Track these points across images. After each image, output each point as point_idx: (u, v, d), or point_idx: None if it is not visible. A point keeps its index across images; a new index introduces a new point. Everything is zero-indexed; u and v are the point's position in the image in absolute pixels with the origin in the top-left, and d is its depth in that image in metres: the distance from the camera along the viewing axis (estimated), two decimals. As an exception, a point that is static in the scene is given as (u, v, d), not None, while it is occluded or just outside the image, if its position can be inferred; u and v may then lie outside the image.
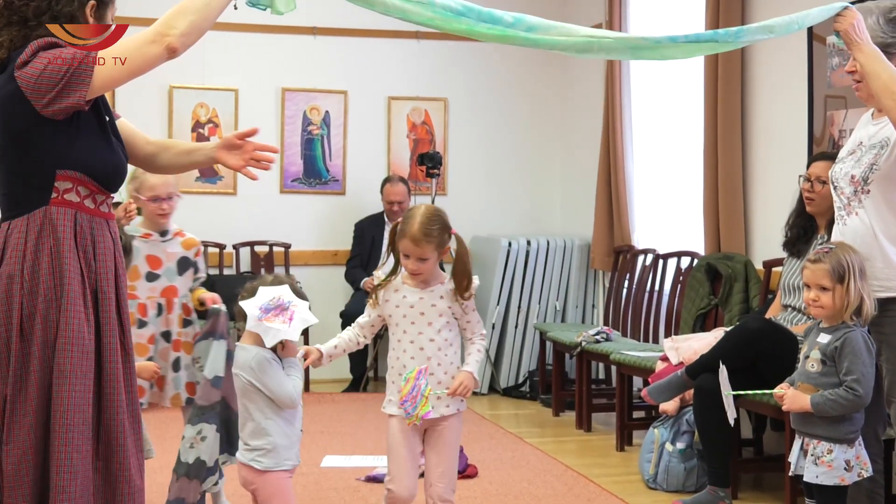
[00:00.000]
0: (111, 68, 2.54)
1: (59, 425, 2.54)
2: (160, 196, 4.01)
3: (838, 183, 3.52)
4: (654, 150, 6.62)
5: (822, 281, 3.31)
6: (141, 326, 3.93)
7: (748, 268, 5.32)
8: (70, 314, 2.57)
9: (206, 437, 3.55)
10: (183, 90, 7.09)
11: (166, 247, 4.04)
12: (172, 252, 4.04)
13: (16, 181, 2.63)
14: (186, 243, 4.09)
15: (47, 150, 2.60)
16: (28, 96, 2.54)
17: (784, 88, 5.29)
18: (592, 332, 5.85)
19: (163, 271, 4.01)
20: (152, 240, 4.02)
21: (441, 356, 3.36)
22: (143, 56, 2.55)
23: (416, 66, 7.51)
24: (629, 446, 5.44)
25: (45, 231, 2.60)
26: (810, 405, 3.29)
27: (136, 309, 3.90)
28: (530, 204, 7.74)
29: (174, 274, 4.03)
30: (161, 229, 4.05)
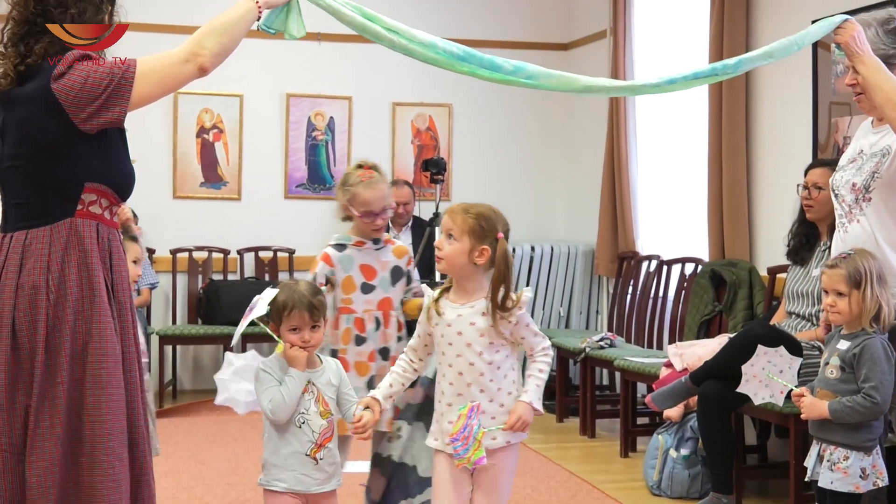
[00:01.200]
0: (147, 84, 2.58)
1: (100, 435, 2.55)
2: (374, 211, 3.64)
3: (839, 191, 3.52)
4: (658, 156, 6.62)
5: (839, 286, 3.31)
6: (359, 343, 3.62)
7: (752, 274, 5.32)
8: (102, 325, 2.59)
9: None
10: (188, 96, 7.10)
11: (379, 255, 3.70)
12: (385, 261, 3.71)
13: (41, 192, 2.62)
14: (397, 251, 3.75)
15: (78, 162, 2.60)
16: (66, 109, 2.54)
17: (788, 95, 5.30)
18: (596, 339, 5.85)
19: (377, 282, 3.68)
20: (366, 248, 3.69)
21: (485, 382, 2.90)
22: (176, 75, 2.62)
23: (420, 72, 7.50)
24: (633, 452, 5.44)
25: (72, 243, 2.60)
26: (828, 412, 3.29)
27: (353, 324, 3.62)
28: (534, 210, 7.75)
29: (388, 284, 3.70)
30: (373, 238, 3.71)
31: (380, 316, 3.63)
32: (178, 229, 7.09)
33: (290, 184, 7.35)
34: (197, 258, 7.13)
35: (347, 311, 3.59)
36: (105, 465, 2.54)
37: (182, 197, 7.21)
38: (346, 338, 3.58)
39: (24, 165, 2.62)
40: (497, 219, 3.03)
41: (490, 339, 2.90)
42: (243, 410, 3.19)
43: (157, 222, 6.96)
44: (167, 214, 7.10)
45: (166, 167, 7.18)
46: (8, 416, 2.56)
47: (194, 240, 7.09)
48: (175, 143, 7.18)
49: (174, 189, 7.20)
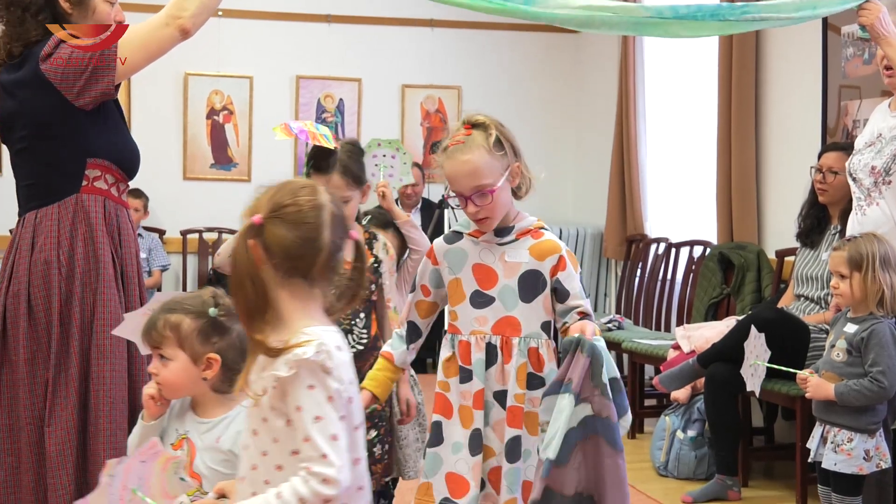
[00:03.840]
0: (130, 52, 2.61)
1: (104, 404, 2.61)
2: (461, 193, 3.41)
3: (857, 174, 3.53)
4: (667, 139, 6.62)
5: (840, 268, 3.34)
6: (464, 379, 3.07)
7: (761, 257, 5.33)
8: (106, 296, 2.65)
9: None
10: (198, 77, 7.12)
11: (506, 253, 3.24)
12: (514, 262, 3.17)
13: (46, 171, 2.69)
14: (539, 249, 2.64)
15: (78, 139, 2.65)
16: (58, 87, 2.60)
17: (798, 78, 5.29)
18: (604, 321, 5.86)
19: (496, 291, 3.18)
20: (485, 240, 3.31)
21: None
22: (159, 39, 2.64)
23: (429, 54, 7.52)
24: (640, 434, 5.46)
25: (79, 217, 2.66)
26: (834, 394, 3.31)
27: (457, 349, 2.90)
28: (543, 192, 7.57)
29: (514, 297, 3.14)
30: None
31: (496, 342, 2.47)
32: (188, 211, 7.11)
33: (300, 165, 7.36)
34: (207, 239, 7.16)
35: (453, 329, 2.51)
36: (108, 434, 2.60)
37: (192, 178, 7.23)
38: (448, 369, 2.51)
39: (29, 147, 2.68)
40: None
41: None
42: None
43: (167, 204, 6.98)
44: (177, 196, 7.12)
45: (176, 149, 7.20)
46: (29, 390, 2.63)
47: (204, 221, 7.12)
48: (185, 125, 7.20)
49: (184, 170, 7.23)
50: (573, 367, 2.26)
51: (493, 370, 2.45)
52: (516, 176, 2.47)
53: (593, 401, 2.26)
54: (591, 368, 2.25)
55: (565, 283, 2.45)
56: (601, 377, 2.25)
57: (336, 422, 1.68)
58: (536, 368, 2.44)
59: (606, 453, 2.27)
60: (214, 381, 2.22)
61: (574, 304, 2.44)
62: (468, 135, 2.42)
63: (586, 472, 2.27)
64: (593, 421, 2.26)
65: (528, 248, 2.49)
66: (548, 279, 2.46)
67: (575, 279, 2.46)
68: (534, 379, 2.43)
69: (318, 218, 1.74)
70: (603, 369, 2.25)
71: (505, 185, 2.42)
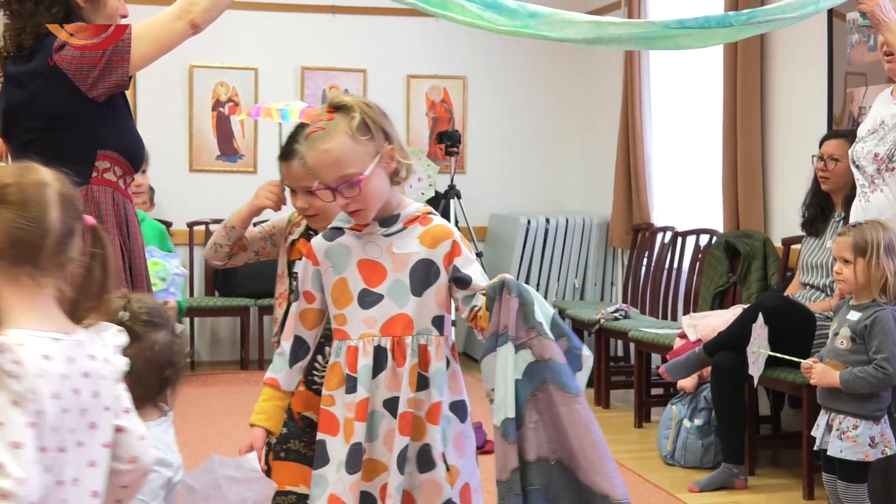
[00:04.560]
0: (143, 45, 2.64)
1: None
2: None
3: (860, 161, 3.53)
4: (673, 128, 6.61)
5: (844, 253, 3.34)
6: (350, 389, 2.99)
7: (767, 245, 5.32)
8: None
9: None
10: (203, 69, 7.12)
11: (393, 244, 3.02)
12: (403, 254, 2.82)
13: (55, 162, 2.68)
14: (430, 235, 2.43)
15: (88, 131, 2.67)
16: (72, 77, 2.62)
17: (803, 65, 5.28)
18: (611, 310, 5.87)
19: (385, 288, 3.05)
20: (369, 233, 3.18)
21: None
22: (170, 33, 2.67)
23: (434, 45, 7.51)
24: (647, 423, 5.47)
25: (89, 209, 2.67)
26: (839, 381, 3.31)
27: (343, 358, 2.79)
28: (549, 182, 7.75)
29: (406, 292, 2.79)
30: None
31: (386, 344, 2.21)
32: (194, 202, 7.12)
33: (306, 157, 7.37)
34: (213, 231, 7.16)
35: (340, 335, 2.24)
36: None
37: (198, 170, 7.24)
38: (332, 380, 2.24)
39: (38, 139, 2.68)
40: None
41: None
42: None
43: (173, 196, 6.99)
44: (183, 188, 7.13)
45: (182, 141, 7.21)
46: None
47: (211, 213, 7.12)
48: (191, 117, 7.21)
49: (190, 162, 7.24)
50: (503, 312, 2.07)
51: (383, 376, 2.18)
52: (390, 160, 2.19)
53: (532, 344, 2.06)
54: (521, 310, 2.07)
55: (464, 268, 2.23)
56: (534, 316, 2.06)
57: (22, 428, 1.47)
58: (423, 368, 2.19)
59: (559, 401, 2.05)
60: None
61: (479, 287, 2.21)
62: (330, 119, 2.16)
63: (546, 433, 2.09)
64: (537, 367, 2.07)
65: (418, 237, 2.24)
66: (441, 268, 2.22)
67: (474, 263, 2.25)
68: (420, 380, 2.19)
69: (41, 196, 1.61)
70: (535, 307, 2.07)
71: (378, 171, 2.16)
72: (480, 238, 7.25)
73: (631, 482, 4.41)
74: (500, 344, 2.07)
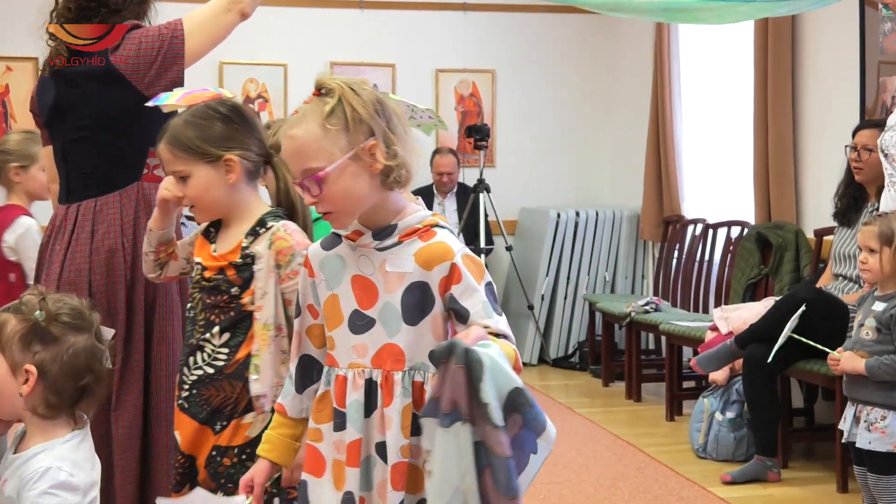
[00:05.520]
0: (196, 39, 2.68)
1: (164, 388, 2.67)
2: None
3: (889, 150, 3.50)
4: (703, 119, 6.57)
5: (870, 242, 3.33)
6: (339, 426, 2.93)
7: (799, 237, 5.28)
8: (167, 284, 2.70)
9: None
10: (233, 66, 7.15)
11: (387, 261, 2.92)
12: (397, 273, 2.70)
13: (108, 161, 2.73)
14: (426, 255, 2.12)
15: (141, 130, 2.69)
16: (128, 77, 2.64)
17: (835, 54, 5.23)
18: (642, 303, 5.85)
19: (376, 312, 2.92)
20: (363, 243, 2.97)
21: None
22: (222, 24, 2.71)
23: (463, 39, 7.51)
24: (679, 416, 5.45)
25: (141, 206, 2.72)
26: (865, 368, 3.29)
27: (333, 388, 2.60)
28: (579, 175, 7.72)
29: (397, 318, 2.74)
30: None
31: (378, 378, 1.88)
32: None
33: (335, 152, 7.39)
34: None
35: (330, 361, 1.94)
36: (168, 415, 2.63)
37: (229, 166, 7.29)
38: (321, 413, 1.93)
39: (89, 137, 2.72)
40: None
41: None
42: None
43: (204, 192, 7.03)
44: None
45: (213, 137, 7.24)
46: None
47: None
48: (221, 114, 7.24)
49: (221, 159, 7.28)
50: (449, 385, 1.66)
51: (376, 416, 1.86)
52: (371, 158, 1.82)
53: (478, 425, 1.65)
54: (469, 382, 1.65)
55: (462, 299, 1.83)
56: (480, 395, 1.64)
57: None
58: (419, 409, 1.82)
59: (492, 499, 1.65)
60: (33, 401, 1.85)
61: (479, 325, 1.80)
62: (309, 103, 1.87)
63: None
64: (484, 451, 1.65)
65: (414, 254, 1.86)
66: (436, 295, 1.85)
67: (477, 293, 1.83)
68: (416, 423, 1.82)
69: None
70: (483, 384, 1.64)
71: (353, 170, 1.81)
72: (510, 232, 7.26)
73: (662, 476, 4.40)
74: (452, 422, 1.66)
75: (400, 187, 1.87)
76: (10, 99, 6.82)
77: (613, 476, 4.40)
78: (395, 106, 1.89)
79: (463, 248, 1.86)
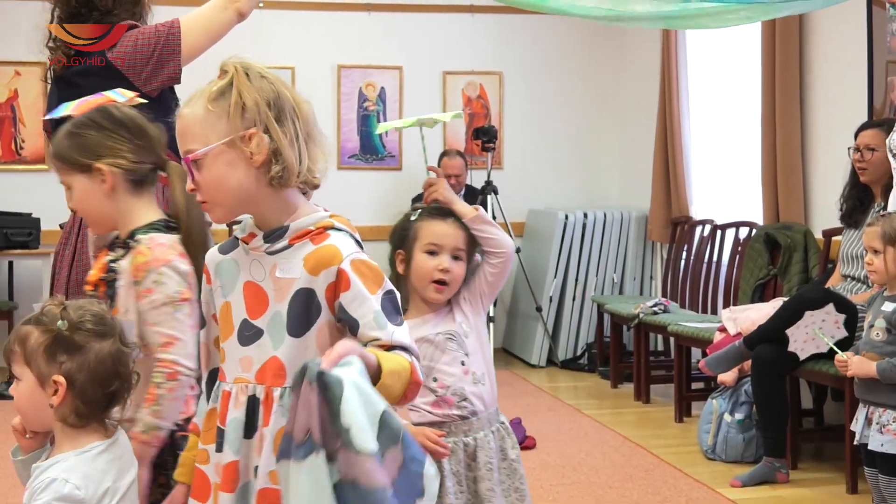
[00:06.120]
0: (193, 37, 2.71)
1: None
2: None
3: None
4: (711, 120, 6.57)
5: (874, 243, 3.33)
6: (220, 446, 3.02)
7: (807, 237, 5.27)
8: None
9: None
10: (240, 69, 7.18)
11: (277, 265, 3.06)
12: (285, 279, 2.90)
13: None
14: (316, 258, 2.00)
15: None
16: (125, 73, 2.68)
17: (843, 55, 5.22)
18: (650, 304, 5.84)
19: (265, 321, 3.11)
20: (254, 246, 3.15)
21: None
22: (219, 23, 2.74)
23: (470, 41, 7.52)
24: (688, 417, 5.44)
25: None
26: (876, 371, 3.28)
27: (219, 404, 2.77)
28: (587, 176, 7.72)
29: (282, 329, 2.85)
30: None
31: (261, 395, 1.73)
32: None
33: (343, 154, 7.41)
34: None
35: (221, 374, 1.82)
36: None
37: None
38: (208, 433, 1.81)
39: None
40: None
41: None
42: None
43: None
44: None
45: (221, 140, 7.26)
46: None
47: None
48: (229, 117, 7.26)
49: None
50: (302, 408, 1.48)
51: (257, 437, 1.71)
52: (249, 147, 1.71)
53: (337, 457, 1.46)
54: (326, 406, 1.46)
55: (351, 308, 1.68)
56: (339, 419, 1.45)
57: None
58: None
59: None
60: (63, 412, 1.82)
61: (370, 337, 1.66)
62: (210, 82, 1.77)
63: None
64: (341, 492, 1.46)
65: (304, 258, 1.72)
66: (323, 303, 1.70)
67: (367, 302, 1.67)
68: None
69: None
70: (342, 405, 1.46)
71: (230, 158, 1.70)
72: (518, 234, 7.26)
73: (672, 477, 4.40)
74: (306, 454, 1.47)
75: (282, 187, 1.73)
76: (18, 103, 6.85)
77: (622, 477, 4.40)
78: (307, 109, 1.79)
79: (355, 253, 1.72)
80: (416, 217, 2.44)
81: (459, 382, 2.34)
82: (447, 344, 2.36)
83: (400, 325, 1.69)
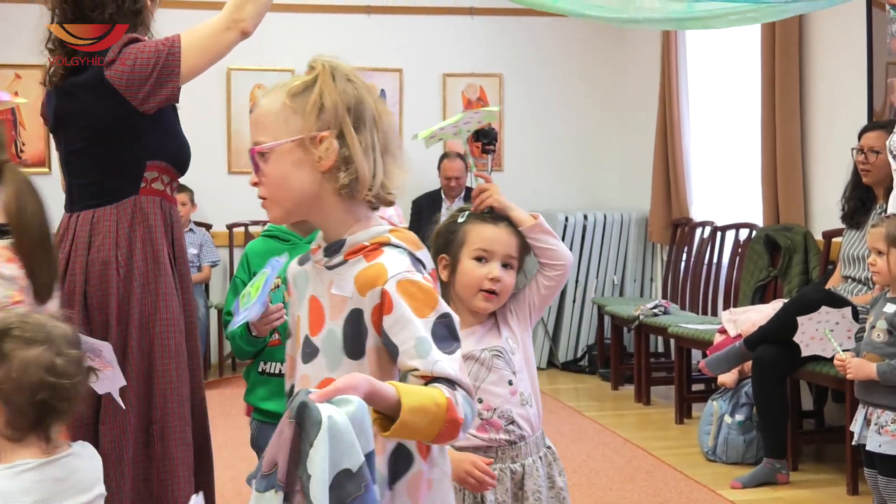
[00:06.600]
0: (193, 56, 2.64)
1: (172, 401, 2.64)
2: None
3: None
4: (711, 122, 6.57)
5: (878, 244, 3.33)
6: None
7: (808, 239, 5.27)
8: (167, 297, 2.68)
9: None
10: (241, 72, 7.18)
11: (334, 280, 2.82)
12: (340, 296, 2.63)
13: (106, 173, 2.71)
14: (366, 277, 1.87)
15: (139, 143, 2.68)
16: (123, 93, 2.62)
17: (843, 56, 5.22)
18: (650, 306, 5.85)
19: (321, 340, 2.94)
20: (318, 260, 2.89)
21: None
22: (221, 43, 2.67)
23: (470, 43, 7.52)
24: (688, 419, 5.44)
25: (137, 219, 2.69)
26: (876, 374, 3.28)
27: None
28: (587, 178, 7.72)
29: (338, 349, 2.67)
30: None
31: None
32: (234, 204, 7.17)
33: (343, 157, 7.40)
34: (253, 232, 7.21)
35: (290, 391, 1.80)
36: (178, 430, 2.64)
37: (237, 172, 7.30)
38: None
39: (87, 149, 2.70)
40: None
41: None
42: None
43: (213, 197, 7.05)
44: (223, 190, 7.19)
45: (221, 143, 7.27)
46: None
47: (250, 214, 7.16)
48: (229, 119, 7.27)
49: (229, 164, 7.30)
50: (275, 437, 1.41)
51: None
52: (318, 150, 1.63)
53: (294, 501, 1.38)
54: (297, 445, 1.37)
55: (392, 332, 1.57)
56: (305, 464, 1.36)
57: None
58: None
59: None
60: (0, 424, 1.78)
61: (408, 366, 1.55)
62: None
63: None
64: None
65: (355, 276, 1.63)
66: (369, 327, 1.60)
67: (411, 326, 1.55)
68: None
69: None
70: (313, 450, 1.35)
71: (296, 158, 1.64)
72: (518, 235, 7.25)
73: (672, 479, 4.39)
74: (266, 488, 1.40)
75: (351, 197, 1.65)
76: (18, 106, 6.85)
77: (623, 479, 4.40)
78: (388, 121, 1.72)
79: (406, 273, 1.59)
80: (463, 219, 2.26)
81: (506, 404, 2.18)
82: (494, 361, 2.19)
83: (451, 352, 1.55)
